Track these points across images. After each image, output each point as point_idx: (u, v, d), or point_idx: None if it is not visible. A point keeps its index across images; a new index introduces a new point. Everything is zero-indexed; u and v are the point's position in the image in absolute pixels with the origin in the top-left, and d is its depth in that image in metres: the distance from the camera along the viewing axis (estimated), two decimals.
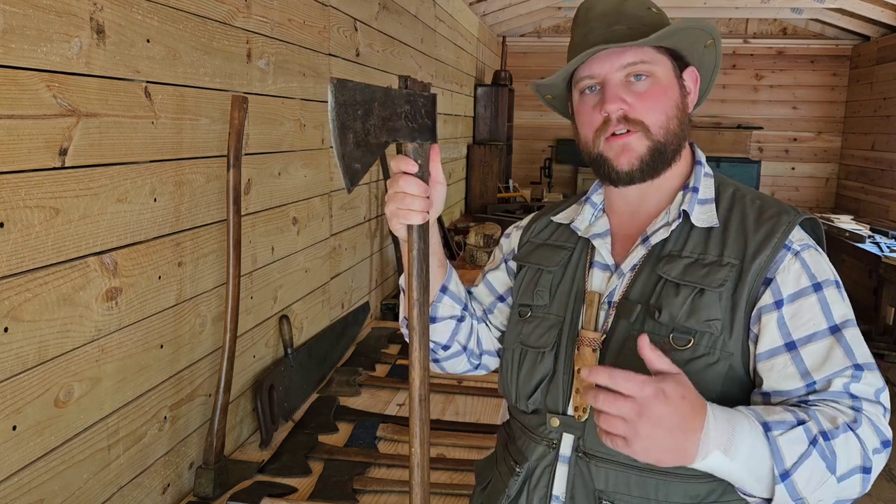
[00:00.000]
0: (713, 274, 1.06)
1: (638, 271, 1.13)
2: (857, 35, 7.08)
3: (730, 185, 1.18)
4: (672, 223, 1.13)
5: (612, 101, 1.10)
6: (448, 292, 1.25)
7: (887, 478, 3.71)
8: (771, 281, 1.05)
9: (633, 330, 1.09)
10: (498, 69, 6.61)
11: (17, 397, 1.19)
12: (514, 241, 1.35)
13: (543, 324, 1.19)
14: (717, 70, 1.21)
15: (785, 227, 1.07)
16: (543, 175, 7.47)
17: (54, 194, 1.24)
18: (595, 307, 1.14)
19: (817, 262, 1.07)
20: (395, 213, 1.05)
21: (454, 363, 1.32)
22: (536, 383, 1.17)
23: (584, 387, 1.02)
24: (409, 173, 1.04)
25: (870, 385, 1.01)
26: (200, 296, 1.74)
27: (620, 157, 1.12)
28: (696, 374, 1.02)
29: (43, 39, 1.20)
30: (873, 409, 1.00)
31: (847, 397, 1.01)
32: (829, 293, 1.05)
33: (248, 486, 1.73)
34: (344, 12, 2.68)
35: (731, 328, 1.04)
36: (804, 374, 1.02)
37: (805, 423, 0.95)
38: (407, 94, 1.02)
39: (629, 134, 1.11)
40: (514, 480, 1.18)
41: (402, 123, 1.01)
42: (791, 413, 0.96)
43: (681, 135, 1.14)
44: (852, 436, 0.96)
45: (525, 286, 1.25)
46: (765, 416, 0.95)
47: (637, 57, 1.10)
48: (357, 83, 0.96)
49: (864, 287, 5.82)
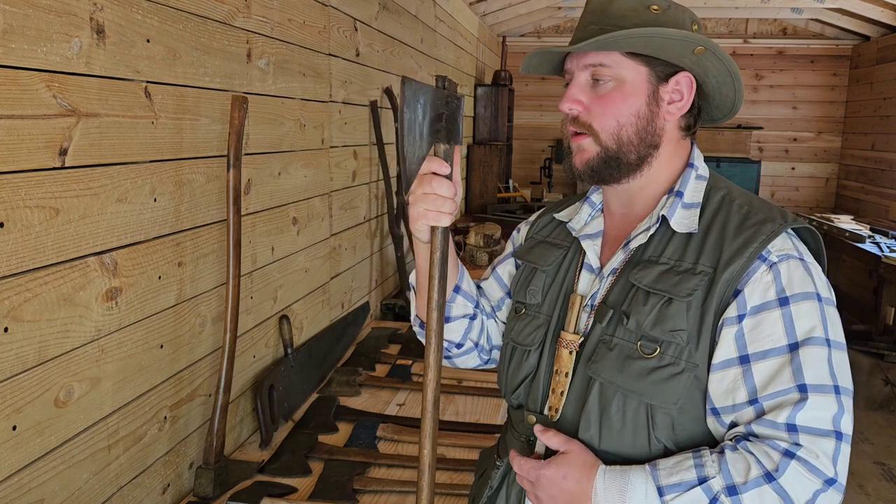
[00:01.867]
0: (684, 283, 1.04)
1: (618, 276, 1.12)
2: (857, 35, 7.08)
3: (721, 189, 1.14)
4: (651, 228, 1.11)
5: (566, 99, 1.11)
6: (461, 291, 1.25)
7: (887, 478, 3.71)
8: (739, 293, 1.01)
9: (605, 335, 1.09)
10: (498, 69, 6.61)
11: (17, 397, 1.19)
12: (522, 235, 1.36)
13: (533, 322, 1.20)
14: (737, 80, 1.13)
15: (765, 236, 1.03)
16: (543, 175, 7.47)
17: (54, 194, 1.24)
18: (577, 309, 1.14)
19: (796, 274, 1.01)
20: (423, 214, 1.04)
21: (466, 359, 1.34)
22: (521, 380, 1.19)
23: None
24: (440, 174, 1.03)
25: (821, 411, 0.95)
26: (200, 296, 1.74)
27: (576, 156, 1.13)
28: (660, 384, 1.02)
29: (43, 39, 1.20)
30: (815, 446, 0.94)
31: (784, 430, 0.95)
32: (799, 308, 0.99)
33: (248, 486, 1.73)
34: (344, 12, 2.68)
35: (697, 339, 1.02)
36: (751, 391, 0.99)
37: (707, 480, 0.94)
38: (446, 95, 1.02)
39: (581, 137, 1.11)
40: (496, 473, 1.23)
41: (442, 125, 1.01)
42: (695, 470, 0.96)
43: (640, 144, 1.10)
44: (768, 488, 0.93)
45: (521, 283, 1.26)
46: (663, 478, 0.97)
47: (597, 59, 1.08)
48: (420, 82, 0.96)
49: (864, 287, 5.81)
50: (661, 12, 1.09)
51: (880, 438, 4.13)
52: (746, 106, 7.57)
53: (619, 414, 1.05)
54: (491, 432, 2.04)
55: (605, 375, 1.06)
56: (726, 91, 1.15)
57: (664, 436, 1.04)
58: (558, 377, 1.13)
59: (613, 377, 1.05)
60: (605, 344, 1.08)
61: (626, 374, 1.04)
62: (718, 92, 1.16)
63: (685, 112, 1.13)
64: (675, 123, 1.14)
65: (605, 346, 1.08)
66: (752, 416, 0.99)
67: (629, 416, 1.04)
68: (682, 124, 1.15)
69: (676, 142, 1.15)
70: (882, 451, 3.99)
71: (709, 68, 1.11)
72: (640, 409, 1.04)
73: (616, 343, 1.07)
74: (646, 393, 1.03)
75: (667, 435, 1.03)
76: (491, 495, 1.24)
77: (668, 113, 1.12)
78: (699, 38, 1.06)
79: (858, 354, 4.50)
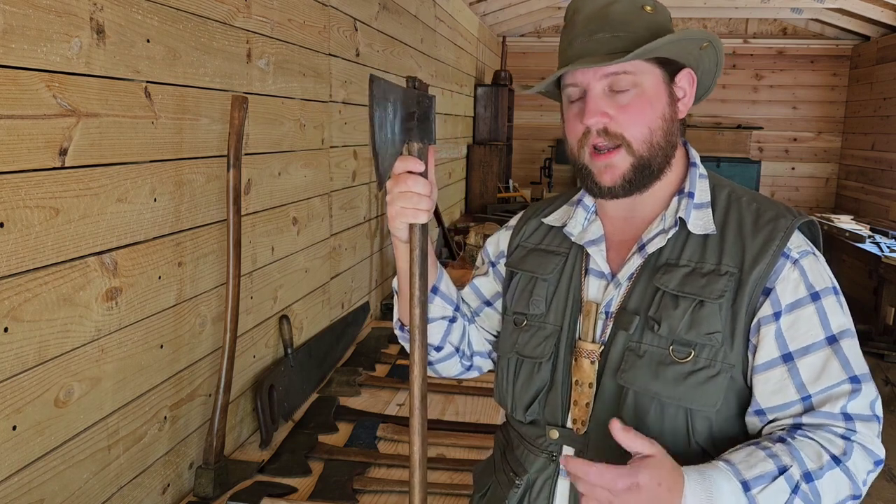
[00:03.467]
0: (712, 284, 1.04)
1: (635, 281, 1.11)
2: (857, 35, 7.08)
3: (725, 186, 1.15)
4: (668, 231, 1.10)
5: (591, 114, 1.06)
6: (439, 293, 1.24)
7: (887, 478, 3.71)
8: (770, 291, 1.03)
9: (631, 342, 1.07)
10: (498, 69, 6.61)
11: (17, 397, 1.19)
12: (504, 243, 1.31)
13: (540, 333, 1.17)
14: (719, 68, 1.17)
15: (783, 232, 1.05)
16: (543, 175, 7.47)
17: (54, 194, 1.24)
18: (593, 318, 1.12)
19: (816, 269, 1.05)
20: (400, 212, 1.05)
21: (447, 365, 1.30)
22: (534, 394, 1.16)
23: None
24: (415, 173, 1.04)
25: (866, 398, 1.01)
26: (200, 296, 1.74)
27: (604, 174, 1.09)
28: (698, 387, 1.02)
29: (43, 39, 1.20)
30: (867, 430, 1.00)
31: (841, 419, 1.00)
32: (827, 302, 1.03)
33: (248, 486, 1.73)
34: (344, 12, 2.68)
35: (731, 340, 1.03)
36: (800, 387, 1.01)
37: (787, 469, 0.94)
38: (417, 94, 1.04)
39: (612, 153, 1.07)
40: (514, 492, 1.17)
41: (414, 124, 1.03)
42: (772, 461, 0.95)
43: (667, 146, 1.10)
44: (838, 471, 0.96)
45: (519, 294, 1.22)
46: (744, 472, 0.94)
47: (619, 68, 1.05)
48: (388, 82, 0.97)
49: (864, 287, 5.81)
50: (655, 12, 1.10)
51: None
52: (746, 106, 7.58)
53: (657, 422, 1.04)
54: (491, 432, 2.04)
55: (640, 384, 1.05)
56: (706, 80, 1.19)
57: (703, 439, 1.04)
58: (580, 388, 1.11)
59: (648, 385, 1.04)
60: (632, 352, 1.07)
61: (662, 381, 1.03)
62: (700, 83, 1.17)
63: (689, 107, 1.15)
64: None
65: (634, 354, 1.06)
66: (800, 410, 1.02)
67: (667, 422, 1.04)
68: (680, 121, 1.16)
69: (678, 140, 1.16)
70: None
71: (704, 61, 1.14)
72: (679, 414, 1.03)
73: (645, 350, 1.06)
74: (684, 398, 1.02)
75: (705, 438, 1.04)
76: None
77: (679, 111, 1.12)
78: (705, 35, 1.09)
79: None
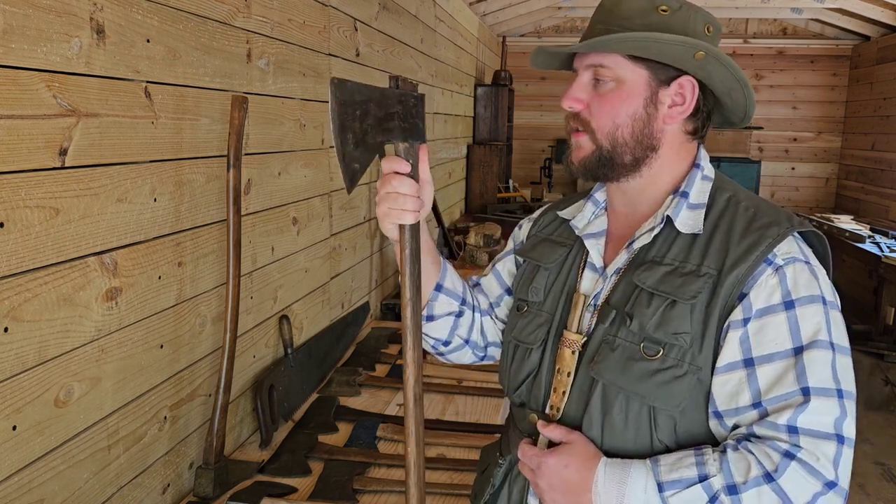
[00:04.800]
0: (688, 285, 1.03)
1: (621, 276, 1.12)
2: (857, 35, 7.08)
3: (728, 190, 1.13)
4: (655, 228, 1.11)
5: (567, 97, 1.13)
6: (443, 290, 1.25)
7: (887, 478, 3.71)
8: (745, 296, 1.00)
9: (608, 335, 1.08)
10: (498, 69, 6.61)
11: (17, 397, 1.19)
12: (524, 232, 1.36)
13: (535, 320, 1.20)
14: (746, 87, 1.11)
15: (770, 239, 1.02)
16: (543, 175, 7.47)
17: (54, 194, 1.24)
18: (580, 309, 1.14)
19: (801, 278, 1.00)
20: (387, 213, 1.06)
21: (459, 355, 1.34)
22: (523, 378, 1.19)
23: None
24: (400, 173, 1.05)
25: (823, 414, 0.95)
26: (200, 296, 1.74)
27: (574, 152, 1.15)
28: (663, 386, 1.02)
29: (43, 39, 1.20)
30: (816, 449, 0.94)
31: (785, 432, 0.95)
32: (804, 311, 0.99)
33: (248, 486, 1.73)
34: (344, 12, 2.68)
35: (701, 342, 1.02)
36: (755, 394, 0.98)
37: (707, 479, 0.95)
38: (399, 94, 1.03)
39: (580, 134, 1.13)
40: (498, 471, 1.23)
41: (396, 124, 1.02)
42: (697, 468, 0.96)
43: (635, 145, 1.10)
44: (767, 489, 0.93)
45: (523, 281, 1.26)
46: (664, 474, 0.97)
47: (598, 60, 1.09)
48: (356, 83, 0.96)
49: (864, 287, 5.81)
50: (670, 14, 1.07)
51: (880, 438, 4.13)
52: None
53: (621, 415, 1.05)
54: (491, 432, 2.04)
55: (608, 377, 1.06)
56: (736, 96, 1.13)
57: (666, 437, 1.04)
58: (560, 376, 1.13)
59: (616, 378, 1.05)
60: (607, 345, 1.08)
61: (629, 376, 1.04)
62: (728, 96, 1.14)
63: (688, 116, 1.12)
64: (679, 127, 1.13)
65: (608, 347, 1.08)
66: (755, 418, 0.99)
67: (631, 417, 1.04)
68: (689, 128, 1.14)
69: (680, 145, 1.14)
70: (882, 451, 3.99)
71: (713, 73, 1.09)
72: (643, 410, 1.04)
73: (619, 344, 1.07)
74: (648, 395, 1.03)
75: (669, 436, 1.03)
76: (493, 493, 1.24)
77: (669, 116, 1.11)
78: (699, 44, 1.04)
79: (858, 354, 4.51)
